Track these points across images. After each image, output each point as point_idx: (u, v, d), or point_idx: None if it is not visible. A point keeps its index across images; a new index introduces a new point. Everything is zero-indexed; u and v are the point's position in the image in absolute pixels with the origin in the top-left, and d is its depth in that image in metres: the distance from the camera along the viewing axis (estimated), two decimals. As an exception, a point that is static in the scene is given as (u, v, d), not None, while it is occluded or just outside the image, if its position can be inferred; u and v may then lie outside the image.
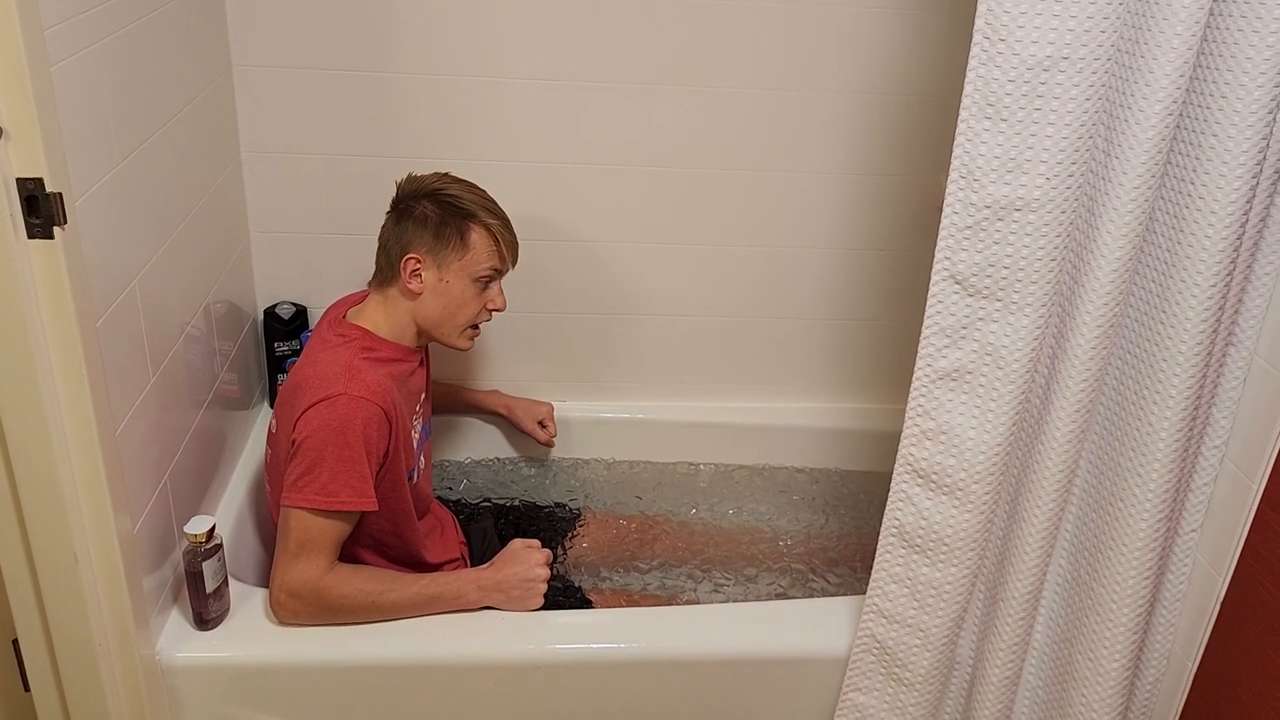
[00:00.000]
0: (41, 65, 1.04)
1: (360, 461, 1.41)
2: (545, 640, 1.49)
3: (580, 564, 1.91)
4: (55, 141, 1.07)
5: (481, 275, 1.55)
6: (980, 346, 1.29)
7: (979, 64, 1.16)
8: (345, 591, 1.43)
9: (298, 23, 1.78)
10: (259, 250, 1.96)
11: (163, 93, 1.45)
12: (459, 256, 1.52)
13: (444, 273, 1.53)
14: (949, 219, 1.24)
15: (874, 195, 2.03)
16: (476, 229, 1.53)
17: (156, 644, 1.40)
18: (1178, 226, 1.24)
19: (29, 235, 1.07)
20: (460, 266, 1.53)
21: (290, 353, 1.98)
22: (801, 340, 2.17)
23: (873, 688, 1.51)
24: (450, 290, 1.54)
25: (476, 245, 1.53)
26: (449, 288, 1.53)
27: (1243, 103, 1.15)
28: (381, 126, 1.87)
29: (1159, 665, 1.54)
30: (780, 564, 1.96)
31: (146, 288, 1.37)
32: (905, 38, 1.89)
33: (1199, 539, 1.47)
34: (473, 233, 1.53)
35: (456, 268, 1.53)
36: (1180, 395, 1.28)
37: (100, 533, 1.23)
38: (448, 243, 1.52)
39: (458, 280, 1.53)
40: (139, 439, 1.34)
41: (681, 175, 1.98)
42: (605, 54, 1.86)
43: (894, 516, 1.41)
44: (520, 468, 2.14)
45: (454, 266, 1.53)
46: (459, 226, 1.52)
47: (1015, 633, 1.45)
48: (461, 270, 1.53)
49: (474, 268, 1.54)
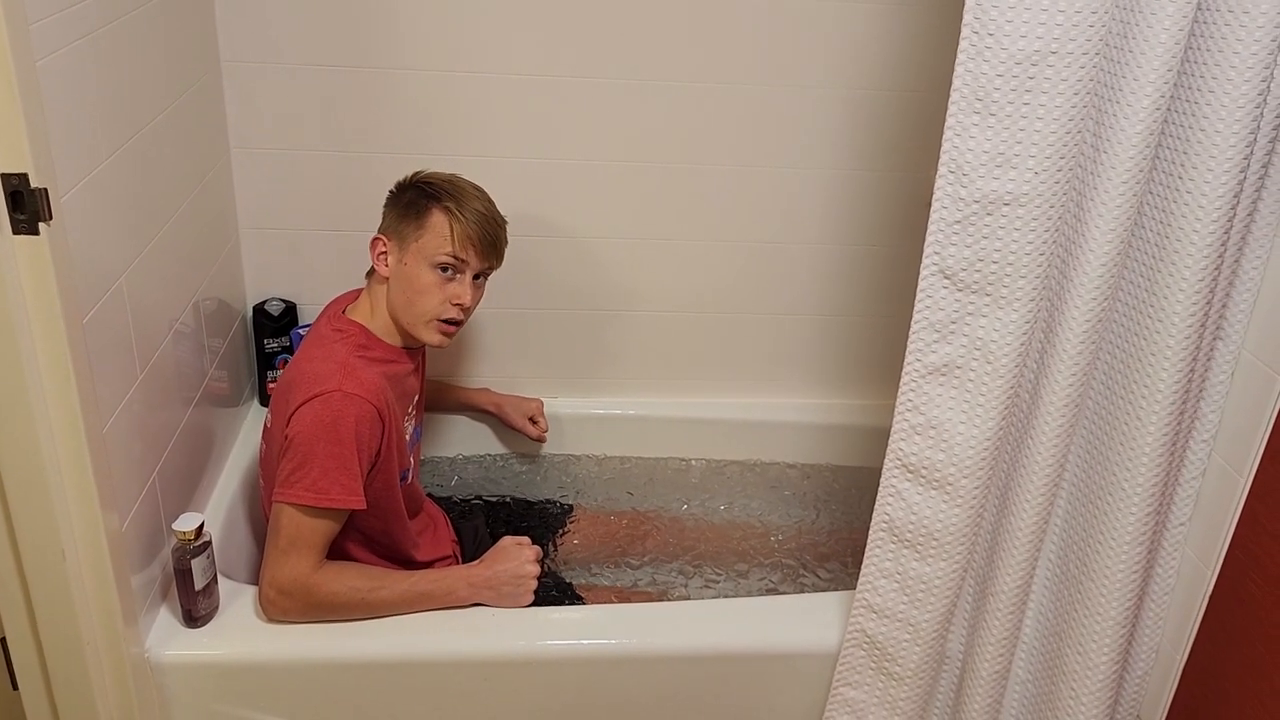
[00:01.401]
0: (27, 60, 1.04)
1: (351, 459, 1.40)
2: (536, 636, 1.49)
3: (571, 560, 1.91)
4: (41, 137, 1.06)
5: (439, 261, 1.51)
6: (969, 341, 1.29)
7: (967, 59, 1.16)
8: (335, 589, 1.42)
9: (286, 17, 1.77)
10: (248, 246, 1.95)
11: (150, 88, 1.45)
12: (416, 238, 1.51)
13: (404, 254, 1.52)
14: (938, 214, 1.24)
15: (864, 190, 2.03)
16: (437, 212, 1.51)
17: (145, 642, 1.40)
18: (1166, 221, 1.24)
19: (14, 231, 1.06)
20: (417, 248, 1.51)
21: (280, 349, 1.98)
22: (792, 335, 2.17)
23: (863, 682, 1.51)
24: (409, 274, 1.51)
25: (432, 228, 1.50)
26: (407, 270, 1.51)
27: (1230, 97, 1.15)
28: (371, 122, 1.87)
29: (1147, 659, 1.55)
30: (771, 559, 1.96)
31: (134, 284, 1.36)
32: (894, 33, 1.89)
33: (1187, 533, 1.48)
34: (432, 215, 1.51)
35: (414, 249, 1.51)
36: (1168, 389, 1.28)
37: (88, 530, 1.22)
38: (407, 223, 1.51)
39: (414, 263, 1.51)
40: (127, 436, 1.34)
41: (672, 171, 1.97)
42: (596, 50, 1.85)
43: (884, 511, 1.41)
44: (511, 464, 2.14)
45: (411, 248, 1.51)
46: (421, 208, 1.51)
47: (1005, 627, 1.45)
48: (419, 252, 1.51)
49: (430, 251, 1.50)
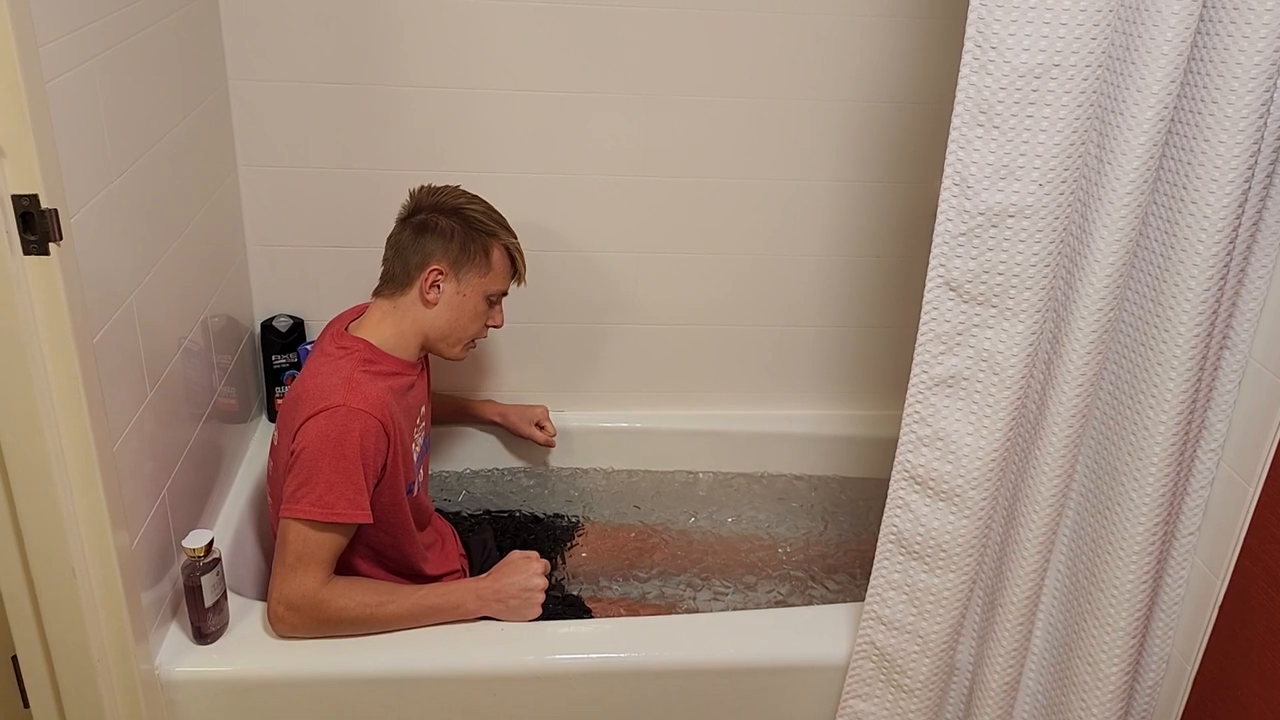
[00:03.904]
0: (36, 82, 1.05)
1: (357, 473, 1.41)
2: (544, 650, 1.49)
3: (579, 573, 1.91)
4: (50, 158, 1.07)
5: (493, 294, 1.61)
6: (975, 353, 1.29)
7: (970, 72, 1.16)
8: (343, 604, 1.43)
9: (293, 36, 1.79)
10: (256, 263, 1.96)
11: (158, 107, 1.46)
12: (480, 274, 1.58)
13: (463, 286, 1.57)
14: (943, 226, 1.24)
15: (869, 203, 2.04)
16: (498, 249, 1.59)
17: (155, 658, 1.40)
18: (1171, 231, 1.24)
19: (25, 252, 1.07)
20: (480, 283, 1.58)
21: (288, 365, 1.98)
22: (798, 348, 2.18)
23: (873, 694, 1.51)
24: (464, 304, 1.58)
25: (497, 265, 1.59)
26: (464, 301, 1.58)
27: (1234, 107, 1.15)
28: (376, 139, 1.88)
29: (1158, 669, 1.54)
30: (779, 571, 1.96)
31: (143, 302, 1.37)
32: (897, 46, 1.90)
33: (1196, 542, 1.47)
34: (495, 252, 1.59)
35: (476, 284, 1.58)
36: (1176, 399, 1.28)
37: (98, 548, 1.23)
38: (471, 259, 1.57)
39: (473, 295, 1.58)
40: (137, 453, 1.34)
41: (678, 184, 1.98)
42: (599, 65, 1.86)
43: (892, 523, 1.41)
44: (519, 478, 2.14)
45: (474, 282, 1.58)
46: (483, 244, 1.58)
47: (1014, 638, 1.45)
48: (480, 286, 1.59)
49: (491, 286, 1.60)
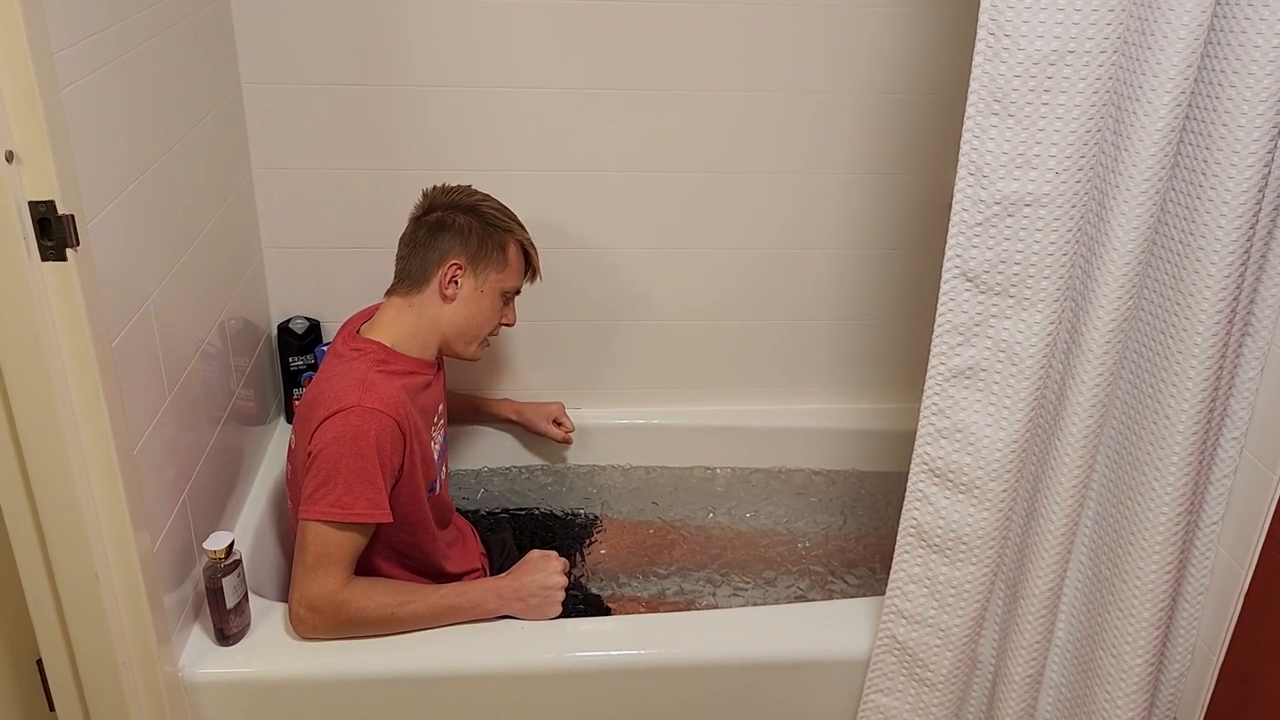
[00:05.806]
0: (51, 89, 1.05)
1: (374, 473, 1.41)
2: (565, 648, 1.49)
3: (598, 571, 1.91)
4: (67, 164, 1.08)
5: (509, 290, 1.62)
6: (993, 343, 1.28)
7: (984, 60, 1.15)
8: (364, 604, 1.43)
9: (304, 38, 1.79)
10: (272, 266, 1.97)
11: (173, 112, 1.46)
12: (498, 270, 1.59)
13: (480, 283, 1.58)
14: (958, 216, 1.23)
15: (883, 194, 2.03)
16: (514, 245, 1.61)
17: (179, 660, 1.41)
18: (1190, 218, 1.23)
19: (42, 258, 1.07)
20: (497, 280, 1.59)
21: (305, 367, 1.99)
22: (814, 341, 2.17)
23: (894, 689, 1.50)
24: (482, 300, 1.59)
25: (513, 261, 1.61)
26: (482, 297, 1.59)
27: (1252, 91, 1.14)
28: (390, 140, 1.88)
29: (1183, 660, 1.53)
30: (799, 566, 1.95)
31: (160, 306, 1.38)
32: (910, 35, 1.89)
33: (1220, 532, 1.46)
34: (511, 248, 1.60)
35: (494, 280, 1.59)
36: (1197, 387, 1.27)
37: (120, 551, 1.24)
38: (489, 255, 1.58)
39: (490, 292, 1.59)
40: (157, 457, 1.35)
41: (690, 179, 1.98)
42: (609, 62, 1.86)
43: (911, 516, 1.40)
44: (536, 476, 2.14)
45: (491, 278, 1.59)
46: (499, 240, 1.59)
47: (1037, 630, 1.44)
48: (497, 282, 1.60)
49: (507, 282, 1.61)
